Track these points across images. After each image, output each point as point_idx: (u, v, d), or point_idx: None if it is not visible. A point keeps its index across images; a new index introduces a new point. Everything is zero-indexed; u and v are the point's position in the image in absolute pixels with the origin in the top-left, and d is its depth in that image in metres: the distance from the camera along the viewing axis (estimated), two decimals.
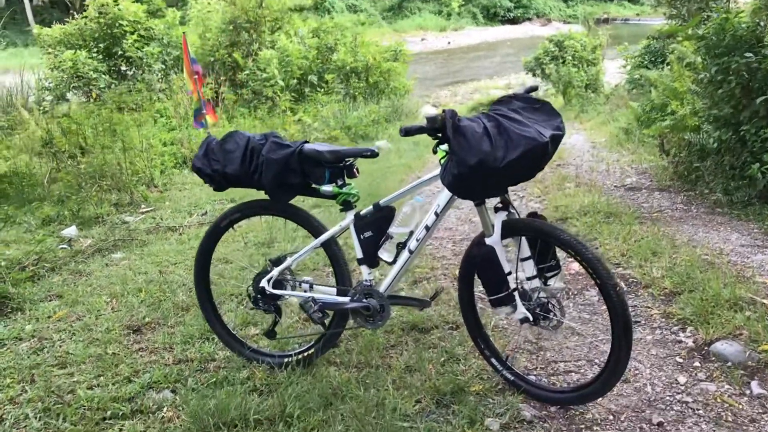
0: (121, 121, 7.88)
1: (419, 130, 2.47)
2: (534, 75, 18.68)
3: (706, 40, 5.53)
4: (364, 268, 2.89)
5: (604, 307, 2.56)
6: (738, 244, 4.43)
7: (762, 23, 5.51)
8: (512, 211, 2.66)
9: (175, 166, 8.67)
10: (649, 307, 3.59)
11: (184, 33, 7.97)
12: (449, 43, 44.58)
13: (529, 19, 49.99)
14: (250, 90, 12.11)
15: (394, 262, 2.84)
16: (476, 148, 2.32)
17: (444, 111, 2.40)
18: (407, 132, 2.46)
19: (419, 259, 4.52)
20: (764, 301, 3.43)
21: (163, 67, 12.15)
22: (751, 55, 5.19)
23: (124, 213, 6.60)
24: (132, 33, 11.79)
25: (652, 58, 13.43)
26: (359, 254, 2.87)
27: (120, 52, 11.95)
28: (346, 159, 2.84)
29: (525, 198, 6.07)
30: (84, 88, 11.42)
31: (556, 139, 2.47)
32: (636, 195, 5.92)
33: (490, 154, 2.32)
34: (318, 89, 11.99)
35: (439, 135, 2.47)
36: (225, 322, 3.31)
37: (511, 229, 2.63)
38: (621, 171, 6.96)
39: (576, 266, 4.25)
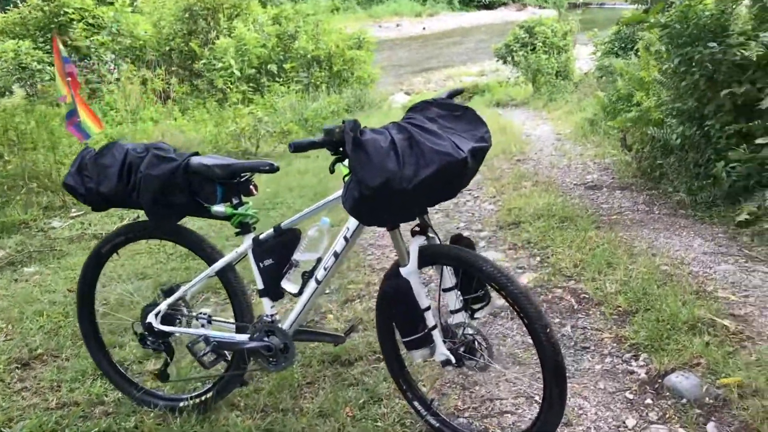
0: (56, 116, 7.36)
1: (311, 145, 2.09)
2: (505, 62, 18.31)
3: (669, 29, 5.18)
4: (265, 301, 2.50)
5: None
6: (701, 252, 4.10)
7: (728, 11, 5.16)
8: (432, 235, 2.27)
9: None
10: (599, 330, 3.23)
11: (53, 32, 7.43)
12: (424, 28, 44.20)
13: (505, 4, 49.75)
14: (206, 80, 11.59)
15: (300, 293, 2.44)
16: (380, 167, 1.93)
17: (344, 122, 2.00)
18: (297, 148, 2.08)
19: (356, 273, 4.13)
20: (725, 322, 3.09)
21: (114, 57, 11.57)
22: (715, 45, 4.84)
23: (54, 218, 6.12)
24: (79, 21, 11.20)
25: (623, 45, 13.08)
26: (260, 285, 2.48)
27: (68, 42, 11.35)
28: (242, 174, 2.43)
29: (480, 198, 5.70)
30: (29, 80, 10.82)
31: (479, 153, 2.10)
32: (596, 194, 5.57)
33: (397, 174, 1.93)
34: (277, 79, 11.49)
35: (340, 150, 2.08)
36: (115, 360, 2.90)
37: (429, 257, 2.25)
38: (583, 167, 6.61)
39: (524, 279, 3.90)
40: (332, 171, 2.16)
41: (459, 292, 2.27)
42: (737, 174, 4.65)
